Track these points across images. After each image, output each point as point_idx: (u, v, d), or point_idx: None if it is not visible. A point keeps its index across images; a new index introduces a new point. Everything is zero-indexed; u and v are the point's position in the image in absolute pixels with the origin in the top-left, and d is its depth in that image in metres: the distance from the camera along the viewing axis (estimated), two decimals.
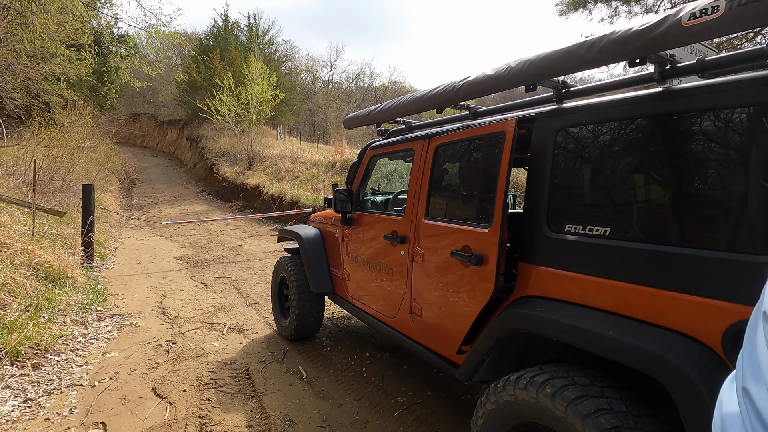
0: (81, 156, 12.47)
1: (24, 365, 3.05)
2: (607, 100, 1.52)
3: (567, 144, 1.64)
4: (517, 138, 1.75)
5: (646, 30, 1.27)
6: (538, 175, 1.69)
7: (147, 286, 5.62)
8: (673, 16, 1.21)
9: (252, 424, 2.50)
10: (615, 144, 1.52)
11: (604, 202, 1.52)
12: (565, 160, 1.64)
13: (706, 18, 1.14)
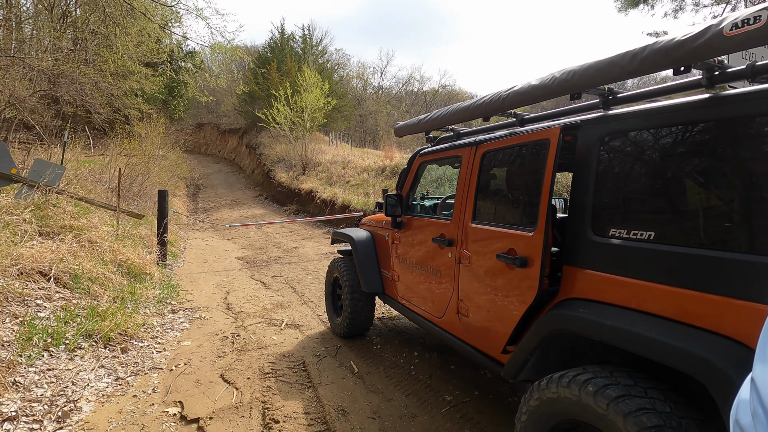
0: (155, 164, 13.64)
1: (114, 349, 3.48)
2: (652, 107, 1.55)
3: (611, 150, 1.68)
4: (563, 144, 1.81)
5: (688, 40, 1.30)
6: (583, 180, 1.74)
7: (213, 284, 6.10)
8: (715, 26, 1.24)
9: (309, 411, 2.71)
10: (660, 150, 1.54)
11: (648, 208, 1.54)
12: (609, 166, 1.68)
13: (749, 28, 1.16)
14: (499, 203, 2.30)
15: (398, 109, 43.95)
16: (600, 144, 1.70)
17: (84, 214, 6.18)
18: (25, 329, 3.20)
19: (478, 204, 2.34)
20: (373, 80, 47.07)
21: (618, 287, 1.56)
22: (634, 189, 1.59)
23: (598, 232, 1.66)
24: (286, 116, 18.16)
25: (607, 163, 1.68)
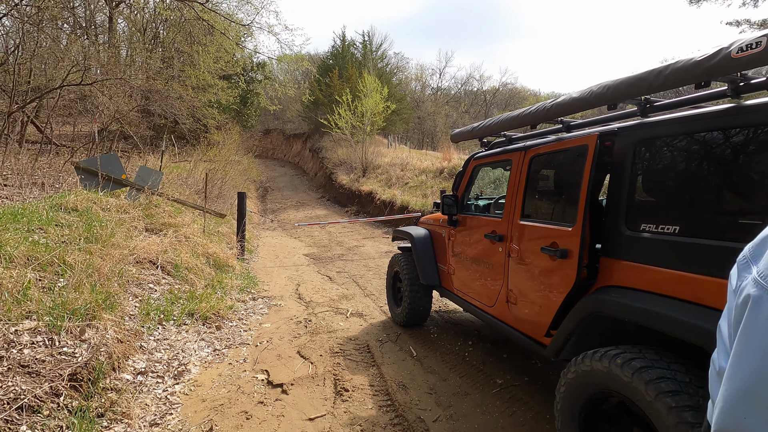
0: (231, 168, 14.95)
1: (210, 326, 4.12)
2: (680, 116, 1.75)
3: (644, 154, 1.89)
4: (602, 149, 2.03)
5: (703, 60, 1.50)
6: (619, 180, 1.95)
7: (284, 277, 6.75)
8: (725, 49, 1.44)
9: (373, 384, 3.11)
10: (686, 154, 1.73)
11: (674, 205, 1.74)
12: (642, 168, 1.88)
13: (752, 51, 1.35)
14: (544, 202, 2.54)
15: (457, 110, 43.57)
16: (634, 149, 1.91)
17: (178, 214, 7.12)
18: (143, 306, 3.91)
19: (525, 203, 2.60)
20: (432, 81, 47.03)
21: (646, 274, 1.77)
22: (662, 188, 1.79)
23: (631, 226, 1.88)
24: (347, 121, 18.96)
25: (639, 165, 1.89)
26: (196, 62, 16.76)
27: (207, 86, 18.17)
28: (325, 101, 24.16)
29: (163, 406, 2.75)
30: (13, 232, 3.80)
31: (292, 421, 2.63)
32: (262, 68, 24.70)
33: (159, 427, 2.52)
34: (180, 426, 2.55)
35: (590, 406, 1.88)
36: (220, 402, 2.84)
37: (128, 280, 4.22)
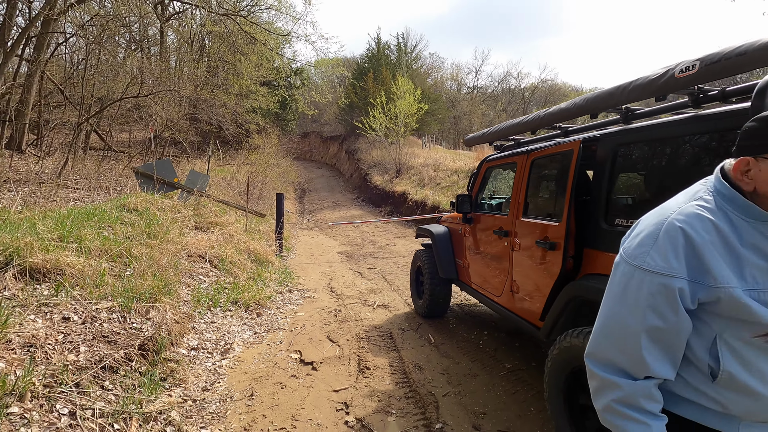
0: (270, 171, 15.75)
1: (252, 313, 4.63)
2: (647, 124, 1.99)
3: (620, 157, 2.13)
4: (586, 153, 2.29)
5: (655, 79, 1.75)
6: (599, 180, 2.21)
7: (318, 272, 7.23)
8: (671, 70, 1.68)
9: (393, 365, 3.47)
10: (651, 157, 1.97)
11: (641, 202, 1.98)
12: (618, 170, 2.13)
13: (688, 73, 1.59)
14: (540, 200, 2.80)
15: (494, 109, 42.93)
16: (612, 153, 2.16)
17: (223, 213, 7.78)
18: (195, 294, 4.47)
19: (527, 201, 2.87)
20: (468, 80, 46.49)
21: None
22: (632, 188, 2.04)
23: (608, 222, 2.13)
24: (381, 123, 19.40)
25: (616, 167, 2.14)
26: (238, 70, 17.75)
27: (249, 93, 19.16)
28: (360, 104, 24.73)
29: (213, 376, 3.23)
30: (89, 228, 4.45)
31: (320, 392, 3.03)
32: (300, 74, 25.66)
33: (209, 392, 3.00)
34: (226, 391, 3.02)
35: (572, 379, 2.15)
36: (260, 374, 3.29)
37: (182, 272, 4.80)
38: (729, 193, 0.93)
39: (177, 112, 15.03)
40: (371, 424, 2.62)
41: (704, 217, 0.91)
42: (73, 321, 2.93)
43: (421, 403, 2.85)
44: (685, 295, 0.91)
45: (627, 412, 0.95)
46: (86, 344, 2.76)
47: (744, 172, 0.91)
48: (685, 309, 0.92)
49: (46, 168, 10.01)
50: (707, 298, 0.91)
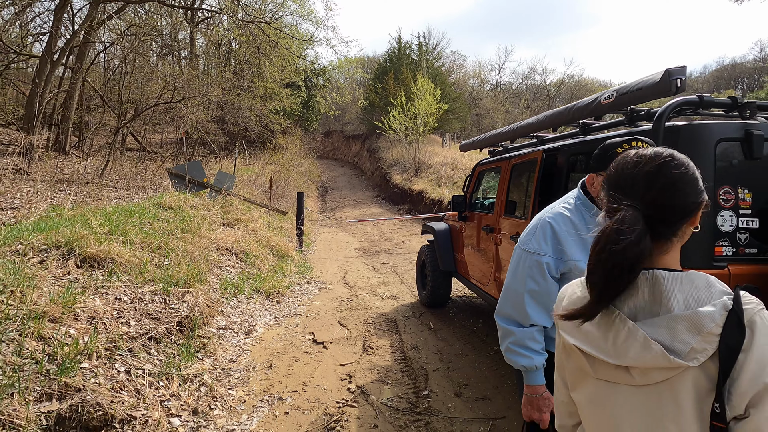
0: (293, 170, 16.42)
1: (272, 300, 5.17)
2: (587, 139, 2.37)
3: (575, 164, 2.51)
4: (549, 161, 2.68)
5: (590, 103, 2.13)
6: (560, 184, 2.59)
7: (335, 266, 7.75)
8: (599, 97, 2.06)
9: (393, 345, 3.92)
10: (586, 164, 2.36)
11: None
12: (570, 175, 2.52)
13: (609, 100, 1.97)
14: (515, 201, 3.19)
15: (517, 106, 42.49)
16: (568, 160, 2.54)
17: (248, 211, 8.40)
18: (223, 282, 5.04)
19: (507, 201, 3.27)
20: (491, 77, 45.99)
21: None
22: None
23: None
24: (400, 123, 19.80)
25: (572, 172, 2.52)
26: (263, 73, 18.50)
27: (273, 94, 19.90)
28: (380, 104, 25.17)
29: (238, 351, 3.77)
30: (131, 224, 5.08)
31: (328, 365, 3.52)
32: (322, 74, 26.33)
33: (235, 363, 3.53)
34: (249, 363, 3.54)
35: None
36: (278, 351, 3.81)
37: (211, 263, 5.39)
38: (582, 198, 1.35)
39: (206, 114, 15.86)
40: (369, 390, 3.09)
41: (565, 216, 1.34)
42: (123, 301, 3.51)
43: (413, 376, 3.30)
44: (551, 267, 1.34)
45: (519, 350, 1.39)
46: (135, 319, 3.33)
47: (591, 184, 1.33)
48: (552, 277, 1.35)
49: (88, 168, 10.90)
50: (564, 270, 1.33)
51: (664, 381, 0.72)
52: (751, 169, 1.79)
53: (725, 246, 1.76)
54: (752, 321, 0.70)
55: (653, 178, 0.78)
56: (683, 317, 0.71)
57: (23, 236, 3.80)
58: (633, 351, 0.72)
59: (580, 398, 0.84)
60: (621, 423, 0.76)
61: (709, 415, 0.69)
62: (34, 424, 2.13)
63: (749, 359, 0.68)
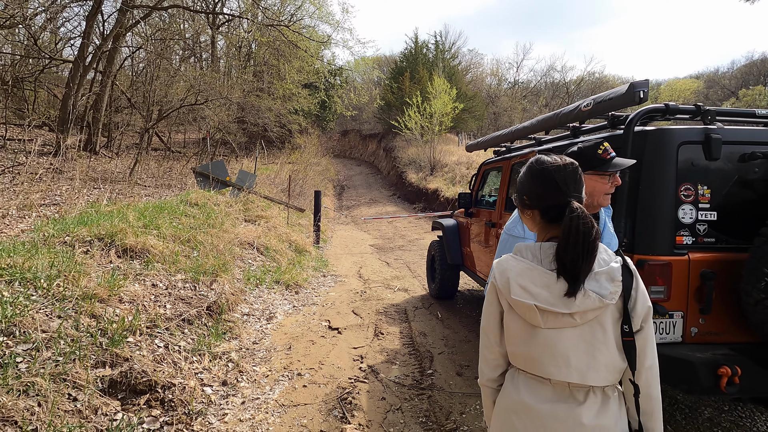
0: (311, 169, 16.84)
1: (291, 291, 5.53)
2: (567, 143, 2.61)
3: None
4: None
5: (573, 110, 2.38)
6: None
7: (350, 261, 8.08)
8: (580, 104, 2.31)
9: (402, 332, 4.22)
10: None
11: None
12: None
13: (587, 108, 2.22)
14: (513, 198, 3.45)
15: (535, 104, 42.09)
16: None
17: (268, 208, 8.81)
18: (246, 273, 5.42)
19: (507, 198, 3.53)
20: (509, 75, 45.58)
21: None
22: None
23: None
24: (416, 122, 20.04)
25: None
26: (282, 74, 19.00)
27: (291, 95, 20.39)
28: (396, 103, 25.43)
29: (260, 334, 4.13)
30: (162, 219, 5.51)
31: (342, 348, 3.85)
32: (339, 74, 26.74)
33: (258, 345, 3.89)
34: (271, 345, 3.90)
35: None
36: (296, 335, 4.16)
37: (235, 256, 5.78)
38: None
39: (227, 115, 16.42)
40: (378, 369, 3.40)
41: None
42: (159, 287, 3.91)
43: (419, 358, 3.60)
44: None
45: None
46: (170, 303, 3.72)
47: None
48: None
49: (117, 167, 11.51)
50: None
51: (595, 318, 1.04)
52: (710, 169, 2.03)
53: (686, 236, 2.00)
54: (634, 270, 1.07)
55: (575, 176, 1.08)
56: (603, 272, 1.03)
57: (70, 229, 4.23)
58: (579, 300, 1.01)
59: (525, 348, 1.10)
60: (569, 353, 1.04)
61: (620, 335, 1.04)
62: (92, 385, 2.51)
63: (638, 293, 1.05)
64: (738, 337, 2.02)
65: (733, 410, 2.74)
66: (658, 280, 1.95)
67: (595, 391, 1.06)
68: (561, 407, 1.06)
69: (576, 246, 1.00)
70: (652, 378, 1.07)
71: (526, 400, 1.10)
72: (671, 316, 1.98)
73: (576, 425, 1.04)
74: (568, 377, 1.04)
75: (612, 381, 1.07)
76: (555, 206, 1.08)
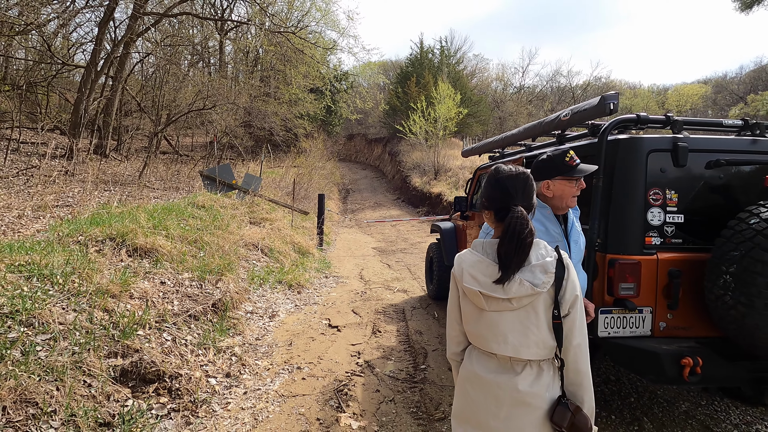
0: (316, 173, 17.08)
1: (293, 291, 5.71)
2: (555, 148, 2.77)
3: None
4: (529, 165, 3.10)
5: (554, 119, 2.54)
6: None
7: (353, 263, 8.25)
8: (560, 114, 2.47)
9: (399, 330, 4.38)
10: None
11: None
12: None
13: (566, 118, 2.38)
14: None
15: (541, 109, 42.13)
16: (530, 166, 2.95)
17: (272, 211, 9.02)
18: (250, 273, 5.61)
19: None
20: (514, 80, 45.65)
21: None
22: None
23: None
24: (421, 126, 20.23)
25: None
26: (288, 79, 19.28)
27: (297, 100, 20.67)
28: (401, 108, 25.64)
29: (263, 331, 4.31)
30: (171, 221, 5.72)
31: (341, 344, 4.01)
32: (344, 79, 27.02)
33: (260, 341, 4.07)
34: (272, 341, 4.07)
35: None
36: (297, 332, 4.33)
37: (239, 256, 5.98)
38: (539, 201, 1.78)
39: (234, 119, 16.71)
40: (375, 364, 3.56)
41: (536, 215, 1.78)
42: (167, 284, 4.11)
43: (414, 354, 3.76)
44: None
45: None
46: (178, 300, 3.91)
47: (546, 188, 1.75)
48: None
49: (127, 170, 11.79)
50: None
51: (529, 304, 1.22)
52: (677, 175, 2.18)
53: (654, 237, 2.16)
54: (567, 263, 1.24)
55: (525, 184, 1.26)
56: (538, 265, 1.20)
57: (83, 229, 4.45)
58: (514, 288, 1.21)
59: (478, 328, 1.31)
60: (507, 332, 1.25)
61: (551, 318, 1.21)
62: (105, 374, 2.70)
63: (568, 283, 1.22)
64: (705, 332, 2.16)
65: (710, 404, 2.87)
66: (628, 278, 2.10)
67: (531, 365, 1.25)
68: (503, 377, 1.27)
69: (510, 242, 1.19)
70: (579, 354, 1.24)
71: (477, 371, 1.31)
72: (641, 312, 2.13)
73: (513, 391, 1.24)
74: (506, 352, 1.25)
75: (543, 356, 1.25)
76: (504, 209, 1.26)
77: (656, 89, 51.52)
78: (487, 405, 1.28)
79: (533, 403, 1.22)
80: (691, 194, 2.19)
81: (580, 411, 1.22)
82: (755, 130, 2.42)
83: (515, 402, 1.24)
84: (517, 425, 1.24)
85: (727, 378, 2.07)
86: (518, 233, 1.19)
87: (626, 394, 3.02)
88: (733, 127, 2.46)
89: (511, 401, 1.24)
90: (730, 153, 2.19)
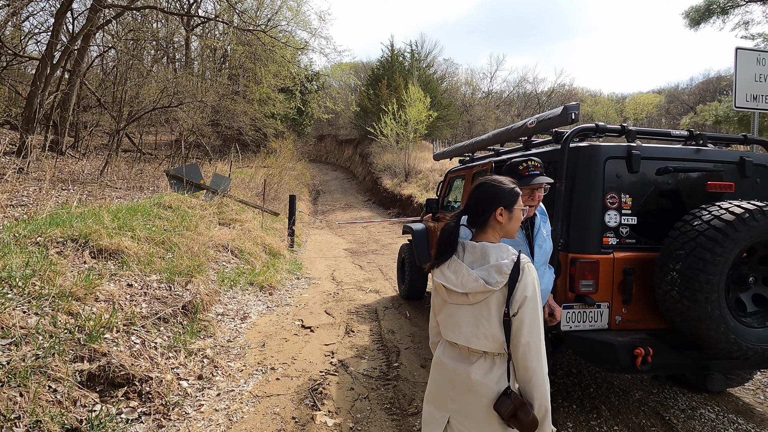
0: (286, 174, 16.89)
1: (265, 293, 5.67)
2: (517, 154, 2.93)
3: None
4: (498, 170, 3.24)
5: (521, 126, 2.69)
6: None
7: (324, 265, 8.25)
8: (528, 122, 2.63)
9: (372, 330, 4.45)
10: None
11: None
12: None
13: (532, 125, 2.53)
14: None
15: (508, 114, 43.27)
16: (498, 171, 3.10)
17: (242, 212, 8.88)
18: (220, 275, 5.53)
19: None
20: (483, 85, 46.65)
21: None
22: None
23: None
24: (392, 129, 20.39)
25: None
26: (258, 78, 18.97)
27: (267, 99, 20.37)
28: (373, 110, 25.74)
29: (235, 333, 4.27)
30: (136, 221, 5.56)
31: (314, 345, 4.04)
32: (316, 79, 26.83)
33: (232, 342, 4.03)
34: (245, 342, 4.05)
35: None
36: (270, 333, 4.32)
37: (209, 258, 5.88)
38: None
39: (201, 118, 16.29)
40: (348, 363, 3.61)
41: None
42: (134, 287, 4.00)
43: (387, 353, 3.84)
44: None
45: None
46: (146, 302, 3.83)
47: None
48: None
49: (85, 168, 11.29)
50: None
51: (483, 300, 1.35)
52: (631, 180, 2.37)
53: (611, 237, 2.33)
54: (523, 266, 1.34)
55: (471, 192, 1.40)
56: (494, 265, 1.33)
57: (42, 230, 4.27)
58: (470, 284, 1.34)
59: (442, 317, 1.47)
60: (461, 323, 1.39)
61: (502, 315, 1.33)
62: (71, 378, 2.63)
63: (520, 285, 1.32)
64: (655, 324, 2.35)
65: (660, 392, 3.10)
66: (587, 275, 2.26)
67: (486, 357, 1.38)
68: (460, 365, 1.41)
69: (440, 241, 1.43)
70: (529, 353, 1.31)
71: (441, 358, 1.47)
72: (599, 306, 2.29)
73: (467, 379, 1.38)
74: (459, 340, 1.40)
75: (494, 349, 1.36)
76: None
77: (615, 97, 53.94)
78: (446, 389, 1.44)
79: (480, 391, 1.35)
80: (643, 198, 2.38)
81: (524, 405, 1.30)
82: (699, 140, 2.65)
83: (466, 389, 1.38)
84: (468, 409, 1.38)
85: (674, 366, 2.27)
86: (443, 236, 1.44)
87: (586, 384, 3.22)
88: (680, 137, 2.69)
89: (464, 388, 1.38)
90: (678, 161, 2.41)
